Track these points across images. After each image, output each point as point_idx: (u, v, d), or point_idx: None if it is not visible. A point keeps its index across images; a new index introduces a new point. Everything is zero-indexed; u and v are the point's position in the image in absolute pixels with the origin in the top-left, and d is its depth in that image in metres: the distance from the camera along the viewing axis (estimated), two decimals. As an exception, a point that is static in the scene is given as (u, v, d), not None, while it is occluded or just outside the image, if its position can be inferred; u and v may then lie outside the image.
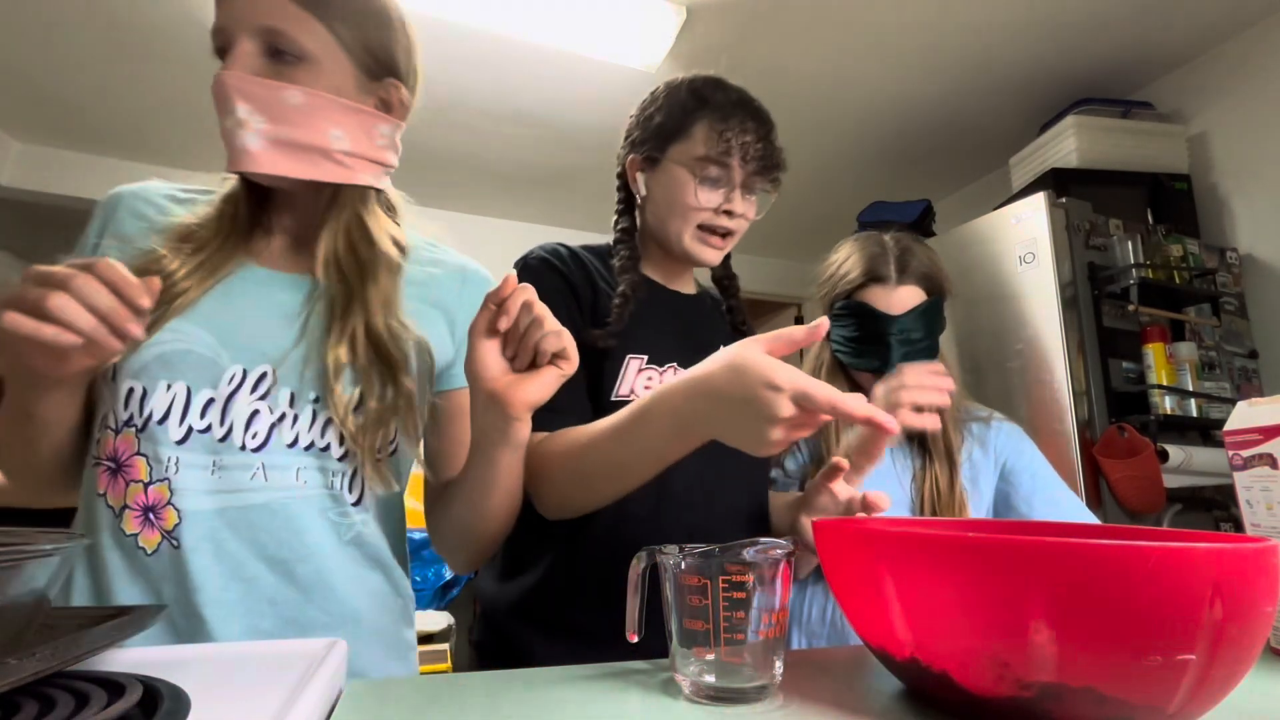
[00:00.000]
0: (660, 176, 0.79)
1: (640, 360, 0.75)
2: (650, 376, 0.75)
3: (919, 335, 0.92)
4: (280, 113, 0.59)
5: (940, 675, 0.37)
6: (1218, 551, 0.31)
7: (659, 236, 0.82)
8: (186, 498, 0.56)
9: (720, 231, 0.79)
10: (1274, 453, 0.53)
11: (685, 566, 0.43)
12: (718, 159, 0.75)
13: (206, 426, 0.58)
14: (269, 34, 0.59)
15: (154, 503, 0.56)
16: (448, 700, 0.41)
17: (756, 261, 3.79)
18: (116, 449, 0.57)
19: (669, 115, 0.79)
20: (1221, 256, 1.90)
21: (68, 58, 2.20)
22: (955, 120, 2.45)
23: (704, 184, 0.76)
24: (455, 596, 2.42)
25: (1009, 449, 0.98)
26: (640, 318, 0.76)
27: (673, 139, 0.78)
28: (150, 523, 0.56)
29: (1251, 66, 1.97)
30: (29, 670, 0.27)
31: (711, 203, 0.76)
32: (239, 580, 0.57)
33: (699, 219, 0.77)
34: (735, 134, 0.75)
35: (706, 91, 0.79)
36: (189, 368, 0.58)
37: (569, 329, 0.58)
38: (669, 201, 0.78)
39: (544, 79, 2.23)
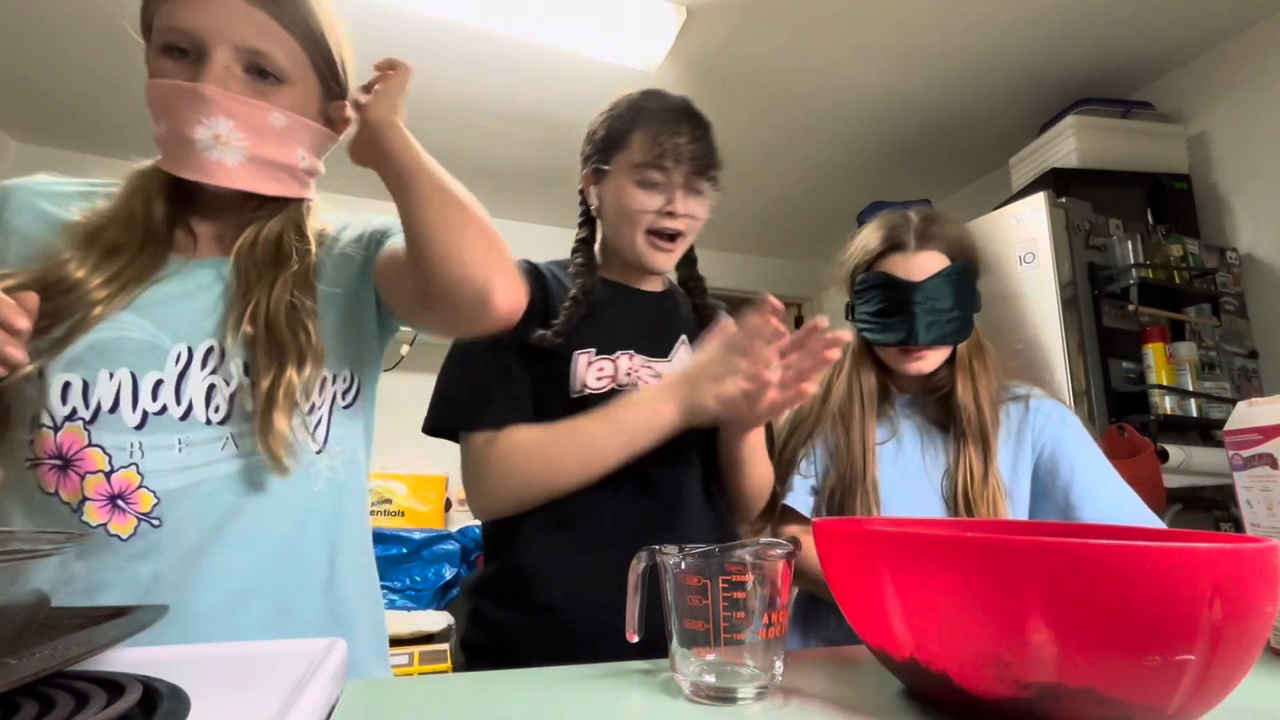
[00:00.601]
0: (608, 186, 0.83)
1: (589, 353, 0.79)
2: (600, 367, 0.78)
3: (945, 304, 0.87)
4: (262, 132, 0.61)
5: (940, 675, 0.37)
6: (1218, 551, 0.31)
7: (614, 245, 0.86)
8: (158, 478, 0.57)
9: (667, 234, 0.81)
10: (1274, 453, 0.53)
11: (685, 566, 0.43)
12: (654, 163, 0.79)
13: (161, 408, 0.59)
14: (254, 53, 0.60)
15: (121, 490, 0.57)
16: (448, 700, 0.41)
17: (756, 261, 3.79)
18: (60, 445, 0.57)
19: (610, 128, 0.84)
20: (1221, 256, 1.90)
21: (67, 58, 2.20)
22: (955, 120, 2.45)
23: (643, 188, 0.80)
24: (455, 596, 2.42)
25: (1048, 434, 0.90)
26: (592, 316, 0.80)
27: (615, 149, 0.82)
28: (120, 509, 0.57)
29: (1251, 66, 1.97)
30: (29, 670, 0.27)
31: (653, 205, 0.80)
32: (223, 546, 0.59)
33: (645, 222, 0.80)
34: (668, 138, 0.78)
35: (644, 102, 0.84)
36: (128, 354, 0.58)
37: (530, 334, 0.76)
38: (616, 208, 0.82)
39: (544, 79, 2.23)
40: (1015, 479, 0.88)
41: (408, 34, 2.00)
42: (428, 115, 2.46)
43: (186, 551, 0.57)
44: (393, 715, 0.38)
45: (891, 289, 0.89)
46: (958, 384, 0.90)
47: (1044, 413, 0.91)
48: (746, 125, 2.49)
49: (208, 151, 0.59)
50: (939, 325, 0.86)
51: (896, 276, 0.89)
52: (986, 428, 0.88)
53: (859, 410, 0.93)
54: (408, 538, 2.39)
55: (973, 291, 0.91)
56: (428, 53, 2.09)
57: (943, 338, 0.87)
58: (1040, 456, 0.89)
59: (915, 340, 0.87)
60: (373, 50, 0.69)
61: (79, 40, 2.10)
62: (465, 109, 2.42)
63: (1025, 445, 0.90)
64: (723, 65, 2.15)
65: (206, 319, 0.62)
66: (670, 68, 2.13)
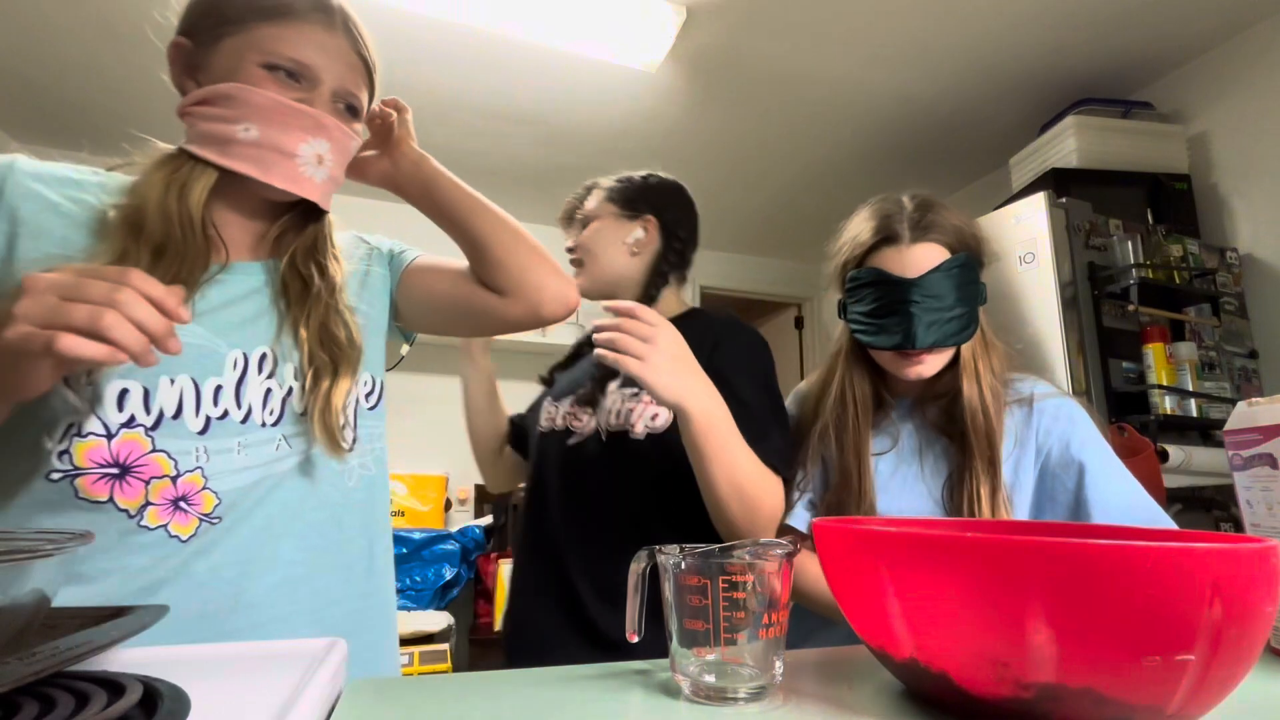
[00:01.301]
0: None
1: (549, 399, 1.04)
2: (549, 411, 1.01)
3: (946, 302, 0.79)
4: (344, 158, 0.69)
5: (940, 676, 0.37)
6: (1218, 551, 0.31)
7: None
8: (220, 480, 0.60)
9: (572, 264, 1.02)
10: (1274, 453, 0.53)
11: (685, 566, 0.43)
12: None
13: (223, 413, 0.61)
14: (349, 95, 0.69)
15: (185, 493, 0.59)
16: (448, 700, 0.41)
17: (756, 261, 3.79)
18: (117, 453, 0.56)
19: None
20: (1221, 256, 1.90)
21: (67, 58, 2.20)
22: (955, 120, 2.45)
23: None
24: (455, 596, 2.42)
25: (1054, 436, 0.82)
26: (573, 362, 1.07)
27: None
28: (183, 510, 0.59)
29: (1251, 66, 1.97)
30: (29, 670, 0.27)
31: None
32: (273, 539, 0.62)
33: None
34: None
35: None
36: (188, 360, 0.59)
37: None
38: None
39: (544, 79, 2.23)
40: (1016, 483, 0.82)
41: (408, 34, 2.00)
42: (428, 115, 2.46)
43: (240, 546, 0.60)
44: (393, 715, 0.38)
45: (885, 287, 0.81)
46: (963, 387, 0.82)
47: (1049, 414, 0.84)
48: (746, 125, 2.50)
49: (305, 167, 0.64)
50: (940, 326, 0.79)
51: (890, 273, 0.81)
52: (995, 435, 0.80)
53: (853, 421, 0.86)
54: (408, 538, 2.39)
55: (976, 285, 0.83)
56: (428, 53, 2.09)
57: (944, 339, 0.80)
58: (1047, 459, 0.82)
59: (913, 344, 0.79)
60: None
61: (79, 40, 2.10)
62: (465, 109, 2.42)
63: (1029, 450, 0.83)
64: (723, 65, 2.15)
65: (257, 324, 0.66)
66: (670, 68, 2.13)
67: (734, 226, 3.40)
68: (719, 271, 3.72)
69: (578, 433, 0.95)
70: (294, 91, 0.64)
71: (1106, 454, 0.81)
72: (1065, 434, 0.82)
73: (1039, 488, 0.82)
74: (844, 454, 0.86)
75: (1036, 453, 0.83)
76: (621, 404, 0.92)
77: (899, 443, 0.89)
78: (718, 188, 2.97)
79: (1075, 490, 0.79)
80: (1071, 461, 0.80)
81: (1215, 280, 1.86)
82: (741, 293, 3.77)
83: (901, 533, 0.38)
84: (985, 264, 0.87)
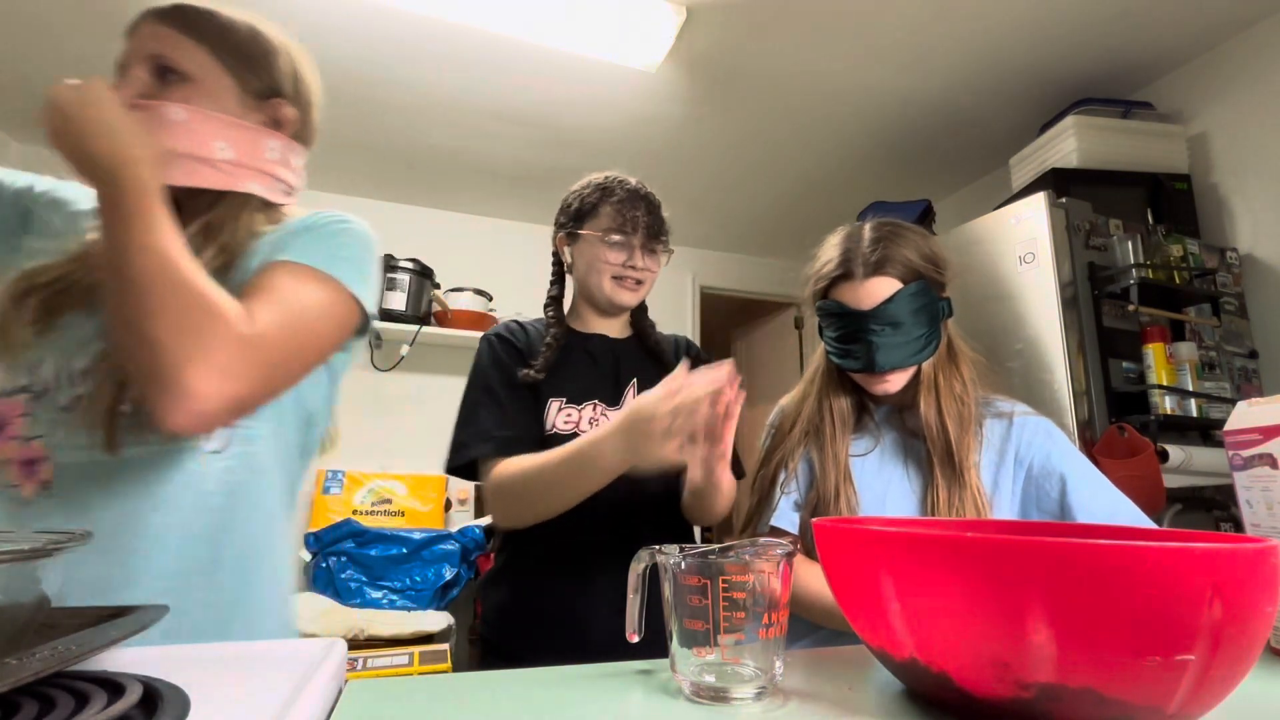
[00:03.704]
0: (580, 246, 1.04)
1: (559, 401, 0.98)
2: (569, 414, 0.97)
3: (903, 327, 0.86)
4: (165, 128, 0.66)
5: (940, 676, 0.37)
6: (1218, 551, 0.31)
7: (584, 290, 1.06)
8: (61, 454, 0.62)
9: (630, 280, 1.02)
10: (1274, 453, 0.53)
11: (685, 566, 0.43)
12: (618, 229, 1.00)
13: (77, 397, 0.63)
14: (155, 59, 0.68)
15: (31, 457, 0.62)
16: (448, 700, 0.41)
17: (756, 262, 3.79)
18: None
19: (583, 202, 1.04)
20: (1221, 256, 1.90)
21: (67, 58, 2.20)
22: (955, 120, 2.45)
23: (610, 246, 1.01)
24: (455, 596, 2.42)
25: (1035, 449, 0.88)
26: (564, 365, 1.00)
27: (586, 219, 1.03)
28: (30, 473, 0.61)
29: (1251, 66, 1.97)
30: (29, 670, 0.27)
31: (618, 259, 1.01)
32: (114, 515, 0.61)
33: (611, 271, 1.01)
34: (629, 212, 1.01)
35: (609, 185, 1.04)
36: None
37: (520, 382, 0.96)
38: (587, 262, 1.03)
39: (544, 79, 2.23)
40: (997, 493, 0.87)
41: (408, 34, 2.00)
42: (428, 115, 2.47)
43: (62, 525, 0.60)
44: (393, 715, 0.38)
45: (846, 318, 0.89)
46: (920, 401, 0.89)
47: (1029, 429, 0.90)
48: (746, 125, 2.50)
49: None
50: (898, 349, 0.86)
51: (848, 305, 0.88)
52: (950, 443, 0.86)
53: (830, 430, 0.93)
54: (408, 538, 2.39)
55: (934, 305, 0.88)
56: (428, 53, 2.09)
57: (903, 361, 0.87)
58: (1030, 470, 0.88)
59: (874, 368, 0.87)
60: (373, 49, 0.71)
61: (79, 40, 2.10)
62: (465, 109, 2.42)
63: (1008, 462, 0.89)
64: (723, 66, 2.15)
65: None
66: (670, 68, 2.13)
67: (734, 226, 3.40)
68: (719, 272, 3.72)
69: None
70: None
71: (1085, 464, 0.88)
72: (1045, 447, 0.89)
73: (1024, 497, 0.87)
74: (824, 461, 0.92)
75: (1017, 464, 0.88)
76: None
77: (882, 445, 0.94)
78: (717, 188, 2.97)
79: (1059, 498, 0.84)
80: (1053, 471, 0.86)
81: (1215, 280, 1.86)
82: (741, 293, 3.77)
83: (901, 533, 0.38)
84: (946, 281, 0.92)
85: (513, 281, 3.26)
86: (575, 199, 1.06)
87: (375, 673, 2.02)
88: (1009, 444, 0.90)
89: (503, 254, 3.35)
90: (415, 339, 2.89)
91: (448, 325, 2.91)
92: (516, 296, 3.17)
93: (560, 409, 0.97)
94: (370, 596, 2.26)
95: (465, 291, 2.99)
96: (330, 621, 2.06)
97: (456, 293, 2.99)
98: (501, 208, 3.30)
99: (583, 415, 0.98)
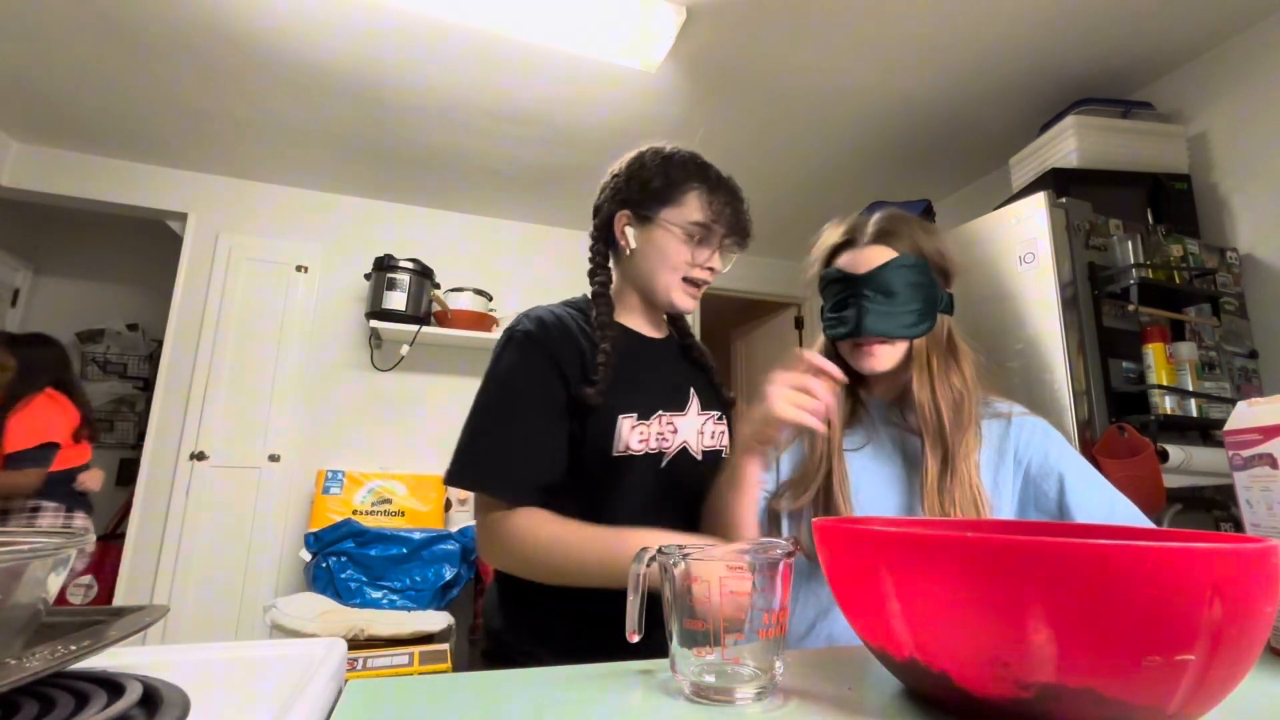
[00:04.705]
0: (652, 234, 0.90)
1: (631, 418, 0.85)
2: (641, 431, 0.85)
3: (897, 298, 0.84)
4: None
5: (940, 675, 0.37)
6: (1218, 551, 0.31)
7: (643, 286, 0.93)
8: None
9: (699, 283, 0.91)
10: (1274, 453, 0.53)
11: (685, 566, 0.43)
12: (708, 224, 0.88)
13: None
14: None
15: None
16: (448, 700, 0.41)
17: (756, 261, 3.79)
18: None
19: (665, 181, 0.89)
20: (1221, 256, 1.90)
21: (67, 57, 2.20)
22: (955, 120, 2.45)
23: (696, 244, 0.89)
24: (455, 597, 2.42)
25: (1034, 448, 0.87)
26: (625, 374, 0.85)
27: (666, 203, 0.89)
28: None
29: (1251, 66, 1.97)
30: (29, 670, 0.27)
31: (701, 259, 0.89)
32: None
33: (684, 271, 0.89)
34: (722, 204, 0.89)
35: (695, 167, 0.92)
36: None
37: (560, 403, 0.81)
38: (660, 256, 0.89)
39: (544, 79, 2.23)
40: (997, 493, 0.86)
41: (408, 34, 2.00)
42: (428, 115, 2.47)
43: None
44: (393, 715, 0.38)
45: (841, 283, 0.88)
46: (913, 380, 0.88)
47: (1027, 428, 0.90)
48: (746, 125, 2.50)
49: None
50: (886, 318, 0.84)
51: (843, 270, 0.88)
52: (944, 428, 0.84)
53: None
54: (408, 538, 2.39)
55: (931, 288, 0.87)
56: (428, 53, 2.09)
57: (891, 330, 0.85)
58: (1028, 470, 0.87)
59: (860, 331, 0.85)
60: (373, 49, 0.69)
61: (79, 40, 2.10)
62: (465, 109, 2.42)
63: (1007, 460, 0.87)
64: (723, 66, 2.15)
65: None
66: (670, 68, 2.13)
67: (734, 226, 3.40)
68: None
69: (666, 453, 0.88)
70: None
71: (1083, 464, 0.87)
72: (1043, 446, 0.88)
73: (1022, 497, 0.87)
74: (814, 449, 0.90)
75: (1015, 464, 0.88)
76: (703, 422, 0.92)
77: (876, 441, 0.93)
78: (718, 188, 2.96)
79: (1058, 498, 0.84)
80: (1051, 471, 0.85)
81: (1215, 280, 1.86)
82: (741, 293, 3.77)
83: (901, 533, 0.38)
84: (951, 273, 0.92)
85: (513, 281, 3.26)
86: (655, 174, 0.90)
87: (375, 673, 2.01)
88: (1007, 443, 0.89)
89: (503, 254, 3.35)
90: (415, 339, 2.89)
91: (448, 325, 2.91)
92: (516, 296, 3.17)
93: (633, 427, 0.84)
94: (370, 596, 2.26)
95: (465, 291, 3.00)
96: (330, 621, 2.06)
97: (456, 293, 2.99)
98: (501, 208, 3.30)
99: (651, 430, 0.86)
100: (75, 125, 2.64)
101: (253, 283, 2.98)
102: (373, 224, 3.18)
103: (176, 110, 2.51)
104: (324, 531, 2.37)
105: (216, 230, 2.99)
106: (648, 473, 0.85)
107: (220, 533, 2.74)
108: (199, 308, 2.91)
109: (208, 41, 2.07)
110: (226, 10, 1.93)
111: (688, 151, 0.93)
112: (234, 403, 2.86)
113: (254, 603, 2.69)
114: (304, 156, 2.84)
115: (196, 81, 2.31)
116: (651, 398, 0.88)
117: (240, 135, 2.68)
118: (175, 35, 2.04)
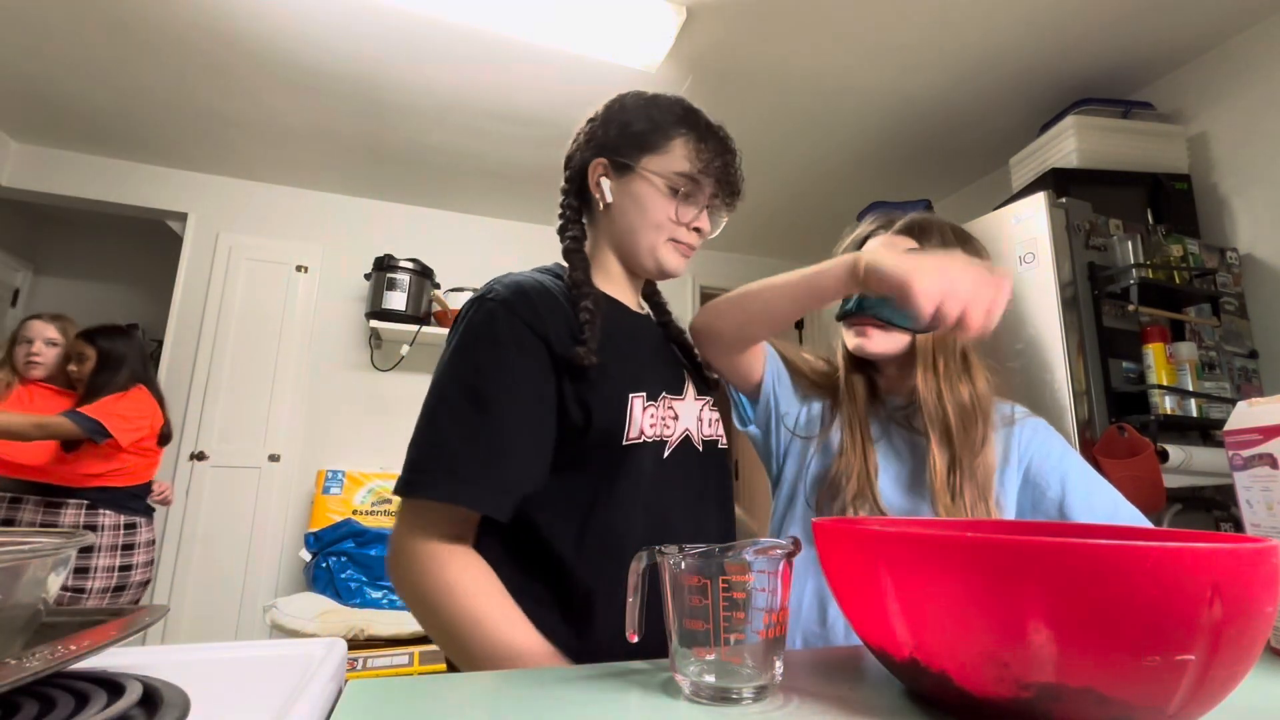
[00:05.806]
0: (630, 185, 0.77)
1: (640, 397, 0.72)
2: (652, 414, 0.72)
3: None
4: None
5: (940, 675, 0.37)
6: (1218, 551, 0.31)
7: (622, 247, 0.80)
8: None
9: (687, 246, 0.80)
10: (1274, 453, 0.53)
11: (685, 566, 0.43)
12: (694, 175, 0.76)
13: None
14: None
15: None
16: (448, 700, 0.41)
17: (756, 261, 3.79)
18: None
19: (649, 124, 0.77)
20: (1221, 256, 1.90)
21: (67, 57, 2.20)
22: (955, 120, 2.45)
23: (682, 200, 0.76)
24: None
25: (1034, 448, 0.87)
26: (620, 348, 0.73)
27: (648, 149, 0.77)
28: None
29: (1251, 66, 1.97)
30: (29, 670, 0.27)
31: (686, 218, 0.77)
32: None
33: (670, 231, 0.77)
34: (712, 155, 0.76)
35: (683, 110, 0.79)
36: None
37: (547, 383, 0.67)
38: (639, 211, 0.77)
39: (544, 79, 2.23)
40: (1004, 493, 0.85)
41: (408, 34, 2.00)
42: (428, 115, 2.46)
43: None
44: (393, 715, 0.38)
45: None
46: (918, 377, 0.87)
47: (1028, 429, 0.89)
48: (746, 125, 2.50)
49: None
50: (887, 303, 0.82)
51: None
52: (949, 422, 0.83)
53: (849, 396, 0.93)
54: (408, 538, 2.39)
55: None
56: (428, 53, 2.09)
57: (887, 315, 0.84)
58: (1028, 471, 0.86)
59: (857, 308, 0.85)
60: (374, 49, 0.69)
61: (79, 40, 2.10)
62: (465, 109, 2.42)
63: (1011, 463, 0.87)
64: (723, 65, 2.15)
65: None
66: (670, 68, 2.13)
67: (733, 226, 3.38)
68: (718, 271, 3.72)
69: (668, 441, 0.75)
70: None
71: (1083, 464, 0.87)
72: (1043, 447, 0.87)
73: (1022, 497, 0.86)
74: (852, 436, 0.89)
75: (1018, 465, 0.87)
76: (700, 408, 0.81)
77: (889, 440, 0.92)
78: (718, 188, 2.97)
79: (1058, 499, 0.83)
80: (1051, 471, 0.85)
81: (1215, 280, 1.86)
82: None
83: (901, 533, 0.38)
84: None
85: (513, 281, 3.26)
86: (637, 116, 0.78)
87: (375, 673, 2.01)
88: (1012, 445, 0.89)
89: (503, 254, 3.35)
90: (415, 339, 2.89)
91: (448, 325, 2.91)
92: (516, 296, 3.16)
93: (645, 408, 0.71)
94: (370, 596, 2.26)
95: (465, 291, 3.00)
96: (330, 621, 2.06)
97: (456, 293, 2.99)
98: (501, 208, 3.30)
99: (659, 414, 0.73)
100: (75, 125, 2.64)
101: (253, 283, 2.98)
102: (373, 224, 3.18)
103: (177, 110, 2.51)
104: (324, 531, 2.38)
105: (217, 230, 2.99)
106: (647, 464, 0.71)
107: (220, 533, 2.74)
108: (199, 308, 2.91)
109: (208, 41, 2.07)
110: (227, 10, 1.93)
111: (675, 95, 0.81)
112: (234, 403, 2.86)
113: (254, 603, 2.69)
114: (304, 156, 2.84)
115: (197, 81, 2.31)
116: (655, 376, 0.75)
117: (240, 135, 2.68)
118: (176, 35, 2.04)
